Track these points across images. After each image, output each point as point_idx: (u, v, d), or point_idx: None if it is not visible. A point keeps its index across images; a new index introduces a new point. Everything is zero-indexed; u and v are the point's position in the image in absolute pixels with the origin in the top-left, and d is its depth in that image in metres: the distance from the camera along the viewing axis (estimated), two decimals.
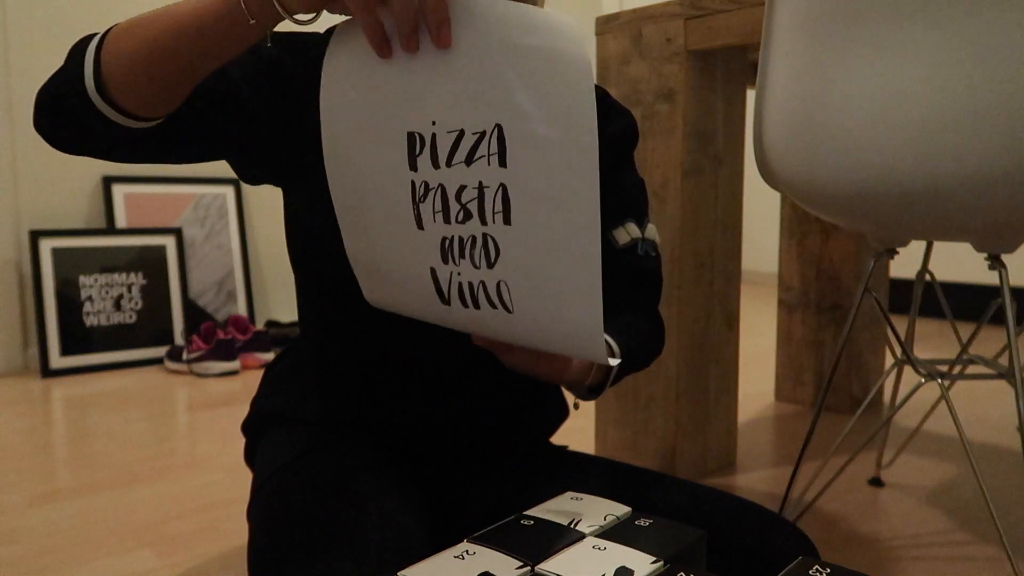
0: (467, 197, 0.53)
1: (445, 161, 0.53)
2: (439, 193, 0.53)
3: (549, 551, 0.49)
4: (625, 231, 0.85)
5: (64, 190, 2.42)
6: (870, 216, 0.98)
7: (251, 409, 0.90)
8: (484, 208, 0.52)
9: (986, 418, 1.81)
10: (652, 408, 1.42)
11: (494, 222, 0.52)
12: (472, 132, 0.51)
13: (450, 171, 0.53)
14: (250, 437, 0.90)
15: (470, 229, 0.53)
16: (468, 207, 0.53)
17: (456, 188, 0.53)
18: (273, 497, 0.71)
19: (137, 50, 0.56)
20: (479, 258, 0.54)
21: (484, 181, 0.52)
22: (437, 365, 0.78)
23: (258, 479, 0.78)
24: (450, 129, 0.52)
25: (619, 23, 1.42)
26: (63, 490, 1.39)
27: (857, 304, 1.12)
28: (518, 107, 0.49)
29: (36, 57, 2.34)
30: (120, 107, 0.58)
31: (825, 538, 1.18)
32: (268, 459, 0.79)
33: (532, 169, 0.50)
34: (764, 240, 4.36)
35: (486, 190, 0.52)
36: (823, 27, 0.95)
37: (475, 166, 0.52)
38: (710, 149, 1.39)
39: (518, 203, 0.51)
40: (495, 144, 0.51)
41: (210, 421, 1.81)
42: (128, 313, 2.44)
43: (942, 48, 0.85)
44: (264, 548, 0.65)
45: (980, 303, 3.15)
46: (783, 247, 1.95)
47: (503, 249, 0.53)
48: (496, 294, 0.55)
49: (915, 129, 0.87)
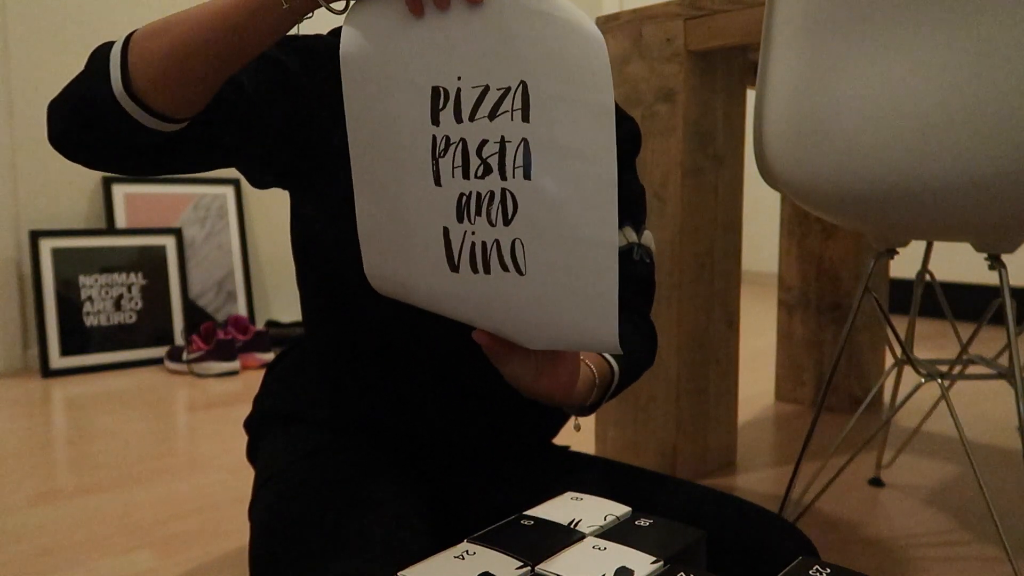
0: (488, 152, 0.54)
1: (468, 115, 0.54)
2: (460, 148, 0.54)
3: (549, 551, 0.49)
4: (622, 235, 0.85)
5: (64, 190, 2.42)
6: (870, 216, 0.98)
7: (254, 406, 0.90)
8: (505, 163, 0.53)
9: (986, 418, 1.81)
10: (652, 408, 1.42)
11: (514, 177, 0.53)
12: (497, 88, 0.53)
13: (473, 125, 0.54)
14: (252, 434, 0.91)
15: (489, 184, 0.54)
16: (489, 161, 0.54)
17: (478, 143, 0.54)
18: (275, 497, 0.71)
19: (170, 49, 0.57)
20: (496, 214, 0.54)
21: (506, 136, 0.53)
22: (440, 365, 0.78)
23: (260, 478, 0.78)
24: (475, 84, 0.53)
25: (619, 23, 1.42)
26: (63, 490, 1.39)
27: (857, 304, 1.12)
28: (543, 66, 0.51)
29: (36, 57, 2.34)
30: (150, 109, 0.59)
31: (825, 538, 1.18)
32: (270, 458, 0.79)
33: (554, 125, 0.52)
34: (764, 240, 4.36)
35: (508, 145, 0.53)
36: (823, 27, 0.95)
37: (498, 120, 0.53)
38: (710, 149, 1.39)
39: (539, 158, 0.52)
40: (519, 100, 0.52)
41: (210, 421, 1.81)
42: (128, 313, 2.44)
43: (942, 48, 0.85)
44: (265, 548, 0.65)
45: (980, 303, 3.15)
46: (783, 247, 1.95)
47: (521, 204, 0.54)
48: (510, 254, 0.55)
49: (915, 129, 0.87)
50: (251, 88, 0.68)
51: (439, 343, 0.76)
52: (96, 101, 0.58)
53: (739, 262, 1.48)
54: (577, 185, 0.52)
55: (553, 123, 0.51)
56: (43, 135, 2.37)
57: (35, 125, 2.36)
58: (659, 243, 1.38)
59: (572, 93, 0.51)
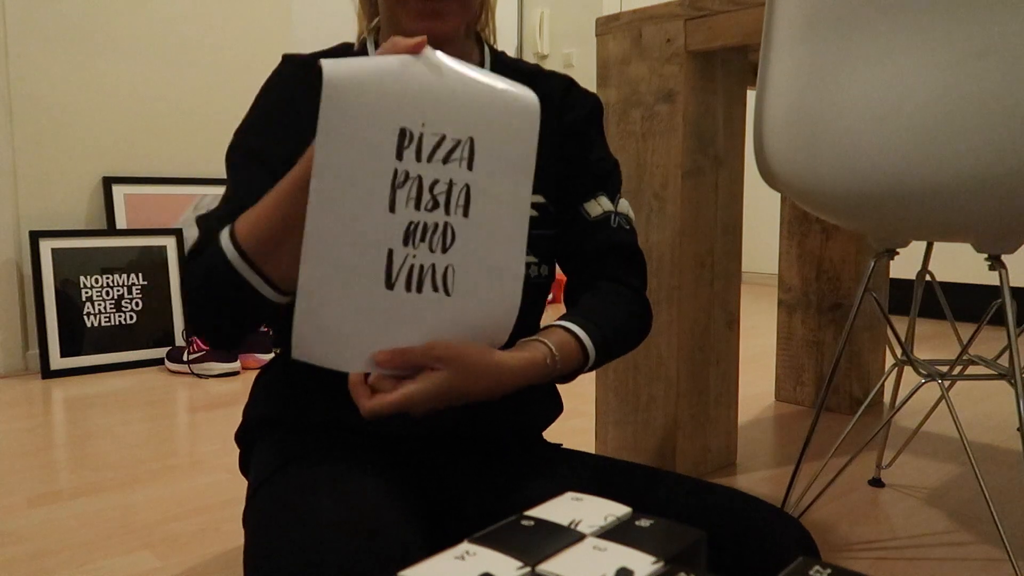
0: (438, 190, 0.66)
1: (427, 157, 0.65)
2: (416, 183, 0.65)
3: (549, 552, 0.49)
4: (597, 203, 0.87)
5: (64, 190, 2.43)
6: (870, 217, 0.98)
7: (244, 418, 0.90)
8: (450, 201, 0.66)
9: (986, 419, 1.81)
10: (652, 408, 1.42)
11: (455, 213, 0.66)
12: (452, 138, 0.65)
13: (429, 166, 0.65)
14: (244, 447, 0.91)
15: (435, 217, 0.66)
16: (437, 197, 0.66)
17: (431, 181, 0.66)
18: (267, 502, 0.71)
19: (271, 231, 0.69)
20: (437, 243, 0.66)
21: (454, 179, 0.66)
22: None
23: (252, 486, 0.78)
24: (435, 132, 0.65)
25: (619, 24, 1.42)
26: (64, 491, 1.39)
27: (857, 304, 1.12)
28: (488, 128, 0.66)
29: (36, 57, 2.34)
30: (268, 280, 0.70)
31: (825, 538, 1.18)
32: (261, 465, 0.79)
33: (490, 176, 0.67)
34: (764, 240, 4.36)
35: (454, 187, 0.66)
36: (823, 28, 0.95)
37: (450, 165, 0.66)
38: (710, 150, 1.39)
39: (476, 200, 0.66)
40: (467, 151, 0.66)
41: (211, 422, 1.81)
42: (128, 314, 2.44)
43: (942, 48, 0.85)
44: (260, 554, 0.65)
45: (980, 303, 3.15)
46: (783, 247, 1.95)
47: (458, 237, 0.67)
48: (442, 277, 0.67)
49: (915, 130, 0.87)
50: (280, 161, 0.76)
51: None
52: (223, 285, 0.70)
53: (739, 263, 1.48)
54: (499, 225, 0.67)
55: (490, 174, 0.67)
56: (43, 135, 2.37)
57: (35, 125, 2.36)
58: (659, 244, 1.38)
59: (506, 153, 0.67)
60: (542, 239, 0.85)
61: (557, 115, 0.87)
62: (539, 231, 0.85)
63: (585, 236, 0.86)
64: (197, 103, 2.68)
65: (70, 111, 2.42)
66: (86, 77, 2.45)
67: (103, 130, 2.49)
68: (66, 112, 2.42)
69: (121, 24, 2.49)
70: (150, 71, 2.57)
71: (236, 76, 2.75)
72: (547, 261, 0.86)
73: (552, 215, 0.87)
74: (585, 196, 0.87)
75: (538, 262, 0.85)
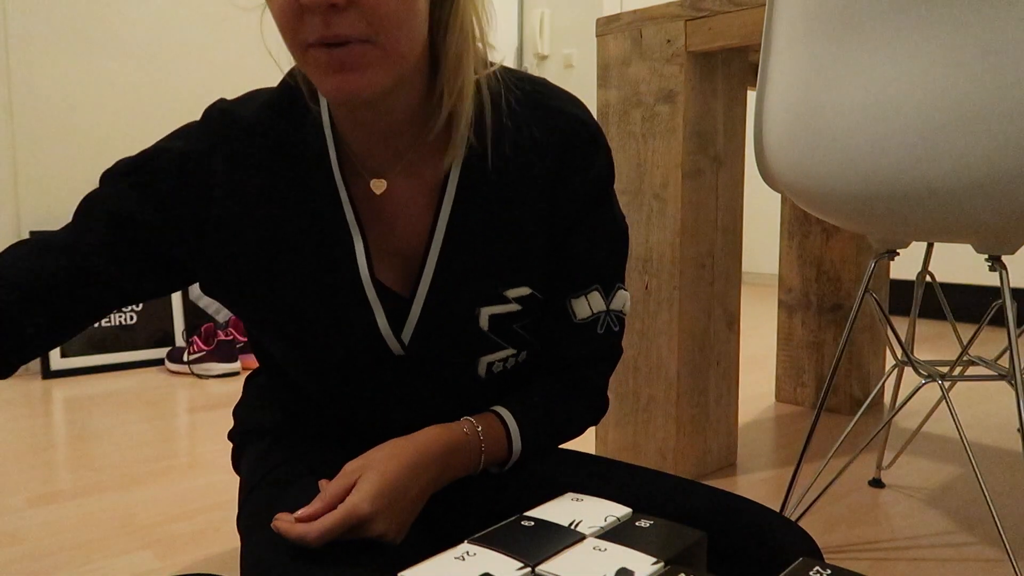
0: None
1: None
2: None
3: (549, 552, 0.49)
4: (587, 302, 0.76)
5: (64, 190, 2.42)
6: (870, 217, 0.98)
7: (235, 419, 0.90)
8: None
9: (986, 419, 1.81)
10: (652, 409, 1.42)
11: None
12: None
13: None
14: (235, 446, 0.91)
15: None
16: None
17: None
18: (261, 506, 0.71)
19: None
20: None
21: None
22: (425, 378, 0.78)
23: (244, 490, 0.78)
24: None
25: (619, 24, 1.42)
26: (64, 491, 1.39)
27: (857, 305, 1.12)
28: None
29: (36, 58, 2.34)
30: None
31: (825, 539, 1.18)
32: (253, 468, 0.79)
33: None
34: (764, 241, 4.36)
35: None
36: (823, 29, 0.95)
37: None
38: (710, 150, 1.39)
39: None
40: None
41: (211, 422, 1.81)
42: (128, 314, 2.44)
43: (942, 50, 0.85)
44: (255, 558, 0.65)
45: (980, 304, 3.15)
46: (783, 248, 1.95)
47: None
48: None
49: (915, 130, 0.87)
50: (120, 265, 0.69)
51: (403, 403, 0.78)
52: None
53: (739, 263, 1.48)
54: None
55: None
56: (43, 135, 2.37)
57: (35, 125, 2.36)
58: (659, 244, 1.38)
59: None
60: (524, 329, 0.77)
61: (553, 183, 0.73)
62: (520, 323, 0.75)
63: (564, 337, 0.77)
64: (197, 103, 2.68)
65: (70, 111, 2.42)
66: (86, 77, 2.45)
67: (103, 130, 2.49)
68: (66, 112, 2.42)
69: (121, 24, 2.49)
70: (150, 71, 2.57)
71: (236, 76, 2.75)
72: (527, 346, 0.78)
73: (538, 303, 0.76)
74: (575, 290, 0.76)
75: (516, 353, 0.77)
